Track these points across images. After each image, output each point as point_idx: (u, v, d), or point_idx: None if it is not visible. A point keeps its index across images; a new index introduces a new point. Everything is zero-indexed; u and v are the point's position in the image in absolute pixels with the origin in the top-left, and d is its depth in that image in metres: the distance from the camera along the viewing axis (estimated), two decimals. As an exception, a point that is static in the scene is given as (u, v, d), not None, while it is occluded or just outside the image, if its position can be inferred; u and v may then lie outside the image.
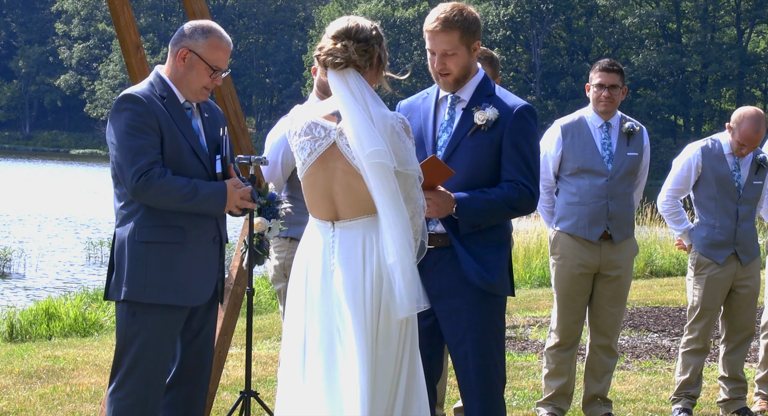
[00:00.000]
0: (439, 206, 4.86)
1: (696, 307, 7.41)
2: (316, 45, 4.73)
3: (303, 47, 77.21)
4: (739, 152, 7.35)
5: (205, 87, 5.09)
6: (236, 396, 7.45)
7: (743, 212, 7.39)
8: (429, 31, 5.01)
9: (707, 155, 7.38)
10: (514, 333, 10.88)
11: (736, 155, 7.37)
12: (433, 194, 4.83)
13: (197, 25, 5.10)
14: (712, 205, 7.39)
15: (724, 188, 7.36)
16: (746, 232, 7.42)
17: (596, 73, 7.06)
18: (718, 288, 7.38)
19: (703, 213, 7.43)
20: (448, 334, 5.01)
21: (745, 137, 7.28)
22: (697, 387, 7.48)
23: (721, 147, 7.40)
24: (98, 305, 12.63)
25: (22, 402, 7.49)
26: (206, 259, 5.09)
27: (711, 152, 7.39)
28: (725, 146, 7.39)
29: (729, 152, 7.38)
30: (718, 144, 7.41)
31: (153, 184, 4.87)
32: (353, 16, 4.64)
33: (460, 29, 4.96)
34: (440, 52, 4.99)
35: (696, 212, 7.50)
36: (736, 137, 7.33)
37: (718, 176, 7.36)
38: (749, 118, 7.27)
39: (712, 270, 7.38)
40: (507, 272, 5.08)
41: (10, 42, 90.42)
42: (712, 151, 7.39)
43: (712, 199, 7.39)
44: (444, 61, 5.00)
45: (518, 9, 65.20)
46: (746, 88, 65.75)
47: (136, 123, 4.92)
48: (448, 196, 4.88)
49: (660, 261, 18.16)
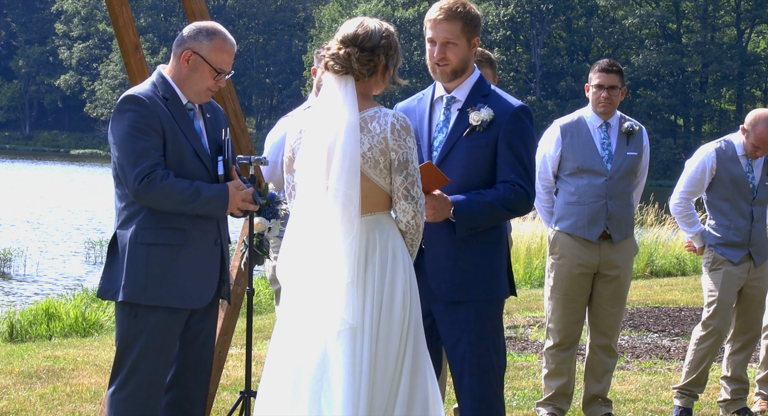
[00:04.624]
0: (436, 210, 4.84)
1: (713, 302, 7.38)
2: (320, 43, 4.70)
3: (303, 47, 77.21)
4: (753, 154, 7.36)
5: (209, 89, 5.09)
6: (236, 396, 7.45)
7: (757, 213, 7.42)
8: (431, 20, 5.01)
9: (721, 156, 7.38)
10: (514, 333, 10.88)
11: (750, 156, 7.38)
12: (429, 198, 4.82)
13: (201, 26, 5.09)
14: (726, 206, 7.39)
15: (739, 189, 7.37)
16: (759, 233, 7.44)
17: (595, 74, 7.06)
18: (734, 283, 7.38)
19: (717, 215, 7.43)
20: (445, 335, 5.00)
21: (761, 139, 7.29)
22: (703, 386, 7.49)
23: (735, 148, 7.40)
24: (98, 305, 12.62)
25: (22, 402, 7.49)
26: (207, 261, 5.09)
27: (725, 153, 7.39)
28: (738, 147, 7.40)
29: (742, 153, 7.39)
30: (731, 145, 7.42)
31: (155, 186, 4.87)
32: (368, 19, 4.60)
33: (463, 20, 4.97)
34: (441, 41, 5.00)
35: (709, 214, 7.50)
36: (750, 139, 7.33)
37: (733, 178, 7.36)
38: (764, 120, 7.28)
39: (728, 266, 7.39)
40: (505, 273, 5.08)
41: (10, 42, 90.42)
42: (726, 152, 7.39)
43: (726, 200, 7.39)
44: (444, 50, 5.00)
45: (518, 9, 65.21)
46: (746, 89, 65.74)
47: (139, 124, 4.91)
48: (444, 199, 4.87)
49: (660, 261, 18.16)
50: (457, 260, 4.96)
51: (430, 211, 4.81)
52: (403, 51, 4.64)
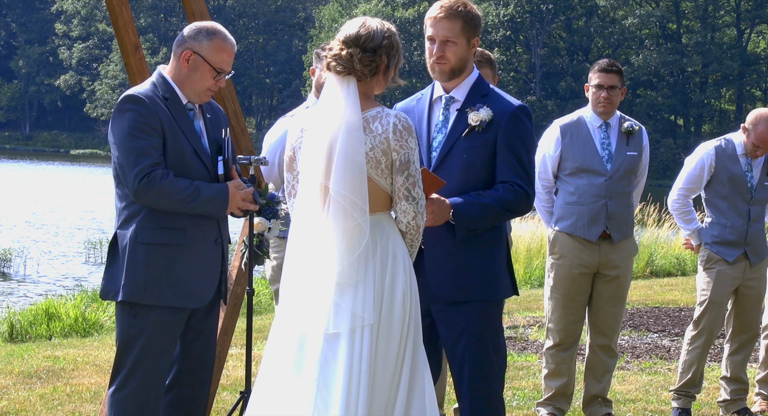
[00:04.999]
0: (435, 214, 4.83)
1: (704, 301, 7.39)
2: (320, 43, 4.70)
3: (303, 47, 77.21)
4: (753, 154, 7.36)
5: (209, 89, 5.09)
6: (236, 396, 7.45)
7: (755, 212, 7.41)
8: (431, 18, 5.01)
9: (720, 154, 7.38)
10: (514, 333, 10.88)
11: (750, 156, 7.38)
12: (428, 203, 4.80)
13: (201, 26, 5.09)
14: (724, 205, 7.39)
15: (737, 188, 7.36)
16: (757, 232, 7.43)
17: (595, 74, 7.07)
18: (727, 283, 7.38)
19: (714, 213, 7.43)
20: (445, 335, 5.00)
21: (761, 138, 7.29)
22: (699, 386, 7.49)
23: (735, 147, 7.40)
24: (98, 305, 12.62)
25: (22, 402, 7.49)
26: (207, 261, 5.08)
27: (724, 151, 7.39)
28: (738, 146, 7.40)
29: (742, 152, 7.38)
30: (731, 144, 7.42)
31: (155, 186, 4.87)
32: (369, 18, 4.60)
33: (463, 19, 4.97)
34: (441, 39, 4.99)
35: (707, 212, 7.50)
36: (751, 138, 7.33)
37: (731, 176, 7.36)
38: (765, 119, 7.28)
39: (722, 265, 7.39)
40: (505, 274, 5.07)
41: (10, 42, 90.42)
42: (725, 151, 7.39)
43: (724, 199, 7.38)
44: (443, 48, 5.00)
45: (518, 9, 65.21)
46: (746, 89, 65.75)
47: (139, 124, 4.91)
48: (443, 203, 4.86)
49: (660, 261, 18.16)
50: (456, 261, 4.96)
51: (430, 216, 4.79)
52: (403, 51, 4.64)
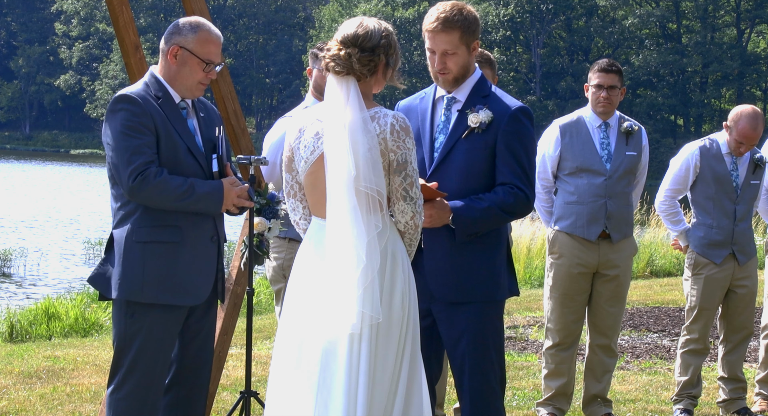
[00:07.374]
0: (433, 218, 4.83)
1: (694, 307, 7.41)
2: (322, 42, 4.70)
3: (303, 47, 77.20)
4: (737, 151, 7.34)
5: (201, 82, 5.09)
6: (236, 396, 7.45)
7: (741, 212, 7.39)
8: (429, 31, 5.00)
9: (705, 154, 7.37)
10: (514, 333, 10.88)
11: (734, 153, 7.37)
12: (428, 205, 4.80)
13: (185, 21, 5.11)
14: (710, 205, 7.38)
15: (723, 187, 7.36)
16: (743, 232, 7.41)
17: (595, 74, 7.07)
18: (716, 288, 7.38)
19: (701, 213, 7.43)
20: (445, 335, 5.00)
21: (743, 134, 7.28)
22: (698, 387, 7.48)
23: (719, 147, 7.39)
24: (98, 305, 12.63)
25: (22, 402, 7.50)
26: (204, 258, 5.09)
27: (709, 151, 7.38)
28: (723, 146, 7.39)
29: (727, 151, 7.38)
30: (716, 144, 7.41)
31: (149, 183, 4.87)
32: (367, 18, 4.60)
33: (461, 29, 4.94)
34: (440, 52, 4.98)
35: (693, 212, 7.49)
36: (734, 135, 7.32)
37: (717, 176, 7.35)
38: (746, 115, 7.27)
39: (709, 270, 7.38)
40: (506, 274, 5.07)
41: (10, 42, 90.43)
42: (710, 150, 7.39)
43: (710, 199, 7.38)
44: (444, 60, 4.99)
45: (518, 9, 65.17)
46: (746, 88, 65.72)
47: (132, 123, 4.93)
48: (443, 206, 4.86)
49: (660, 261, 18.17)
50: (456, 262, 4.95)
51: (428, 219, 4.79)
52: (403, 51, 4.66)
